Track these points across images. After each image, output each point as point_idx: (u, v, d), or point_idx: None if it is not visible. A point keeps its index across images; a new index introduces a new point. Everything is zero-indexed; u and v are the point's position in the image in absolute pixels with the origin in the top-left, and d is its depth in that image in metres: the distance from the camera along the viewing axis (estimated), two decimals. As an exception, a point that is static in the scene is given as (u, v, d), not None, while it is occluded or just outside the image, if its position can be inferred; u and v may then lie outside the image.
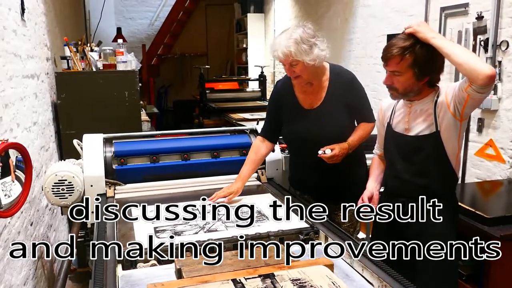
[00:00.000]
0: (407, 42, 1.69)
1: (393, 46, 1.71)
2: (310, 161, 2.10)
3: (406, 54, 1.68)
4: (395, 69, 1.72)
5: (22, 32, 2.66)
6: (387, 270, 1.39)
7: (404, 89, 1.75)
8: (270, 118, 2.32)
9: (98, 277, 1.41)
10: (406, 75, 1.71)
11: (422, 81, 1.73)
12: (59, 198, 2.24)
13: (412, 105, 1.82)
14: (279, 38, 2.01)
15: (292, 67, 2.01)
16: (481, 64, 1.57)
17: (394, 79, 1.74)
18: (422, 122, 1.78)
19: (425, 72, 1.71)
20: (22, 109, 2.51)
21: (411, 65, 1.69)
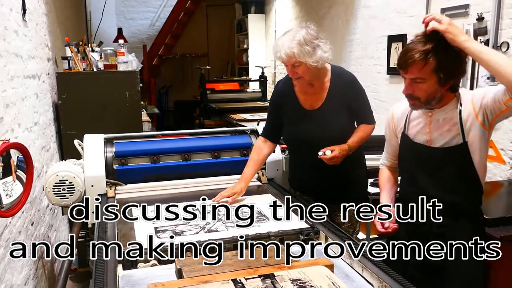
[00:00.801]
0: (428, 44, 1.53)
1: (413, 50, 1.55)
2: (310, 161, 2.09)
3: (429, 58, 1.52)
4: (417, 76, 1.56)
5: (23, 32, 2.67)
6: (387, 270, 1.40)
7: (427, 97, 1.60)
8: (271, 118, 2.32)
9: (98, 277, 1.42)
10: (429, 81, 1.55)
11: (446, 86, 1.58)
12: (60, 198, 2.24)
13: (432, 113, 1.67)
14: (282, 39, 2.00)
15: (295, 68, 2.01)
16: None
17: (416, 87, 1.59)
18: (446, 132, 1.63)
19: (450, 76, 1.56)
20: (23, 109, 2.52)
21: (435, 70, 1.53)
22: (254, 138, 2.62)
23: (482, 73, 3.04)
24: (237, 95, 6.52)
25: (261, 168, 2.52)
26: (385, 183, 1.91)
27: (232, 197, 2.11)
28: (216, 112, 5.89)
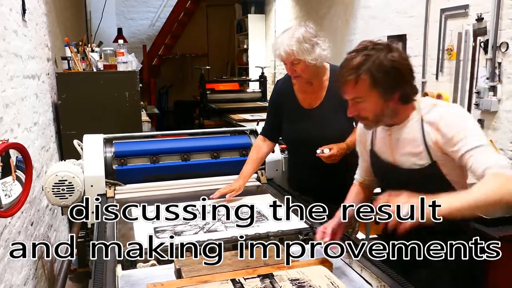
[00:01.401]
0: (358, 57, 1.37)
1: (344, 68, 1.40)
2: (309, 161, 2.10)
3: (361, 75, 1.35)
4: (355, 96, 1.40)
5: (23, 32, 2.67)
6: (385, 270, 1.40)
7: (374, 115, 1.42)
8: (271, 117, 2.33)
9: (97, 277, 1.42)
10: (370, 98, 1.39)
11: (392, 99, 1.40)
12: (59, 198, 2.24)
13: (391, 132, 1.50)
14: (281, 37, 2.01)
15: (294, 66, 2.01)
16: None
17: (359, 108, 1.43)
18: (410, 154, 1.46)
19: (392, 88, 1.38)
20: (22, 109, 2.52)
21: (371, 86, 1.36)
22: (254, 138, 2.62)
23: (481, 73, 3.04)
24: (237, 95, 6.52)
25: (261, 168, 2.53)
26: (349, 201, 1.73)
27: (229, 194, 2.12)
28: (215, 112, 5.88)
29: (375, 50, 1.36)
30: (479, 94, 3.03)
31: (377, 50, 1.36)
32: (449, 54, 3.38)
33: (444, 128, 1.37)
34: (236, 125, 4.62)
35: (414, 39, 3.86)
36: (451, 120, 1.37)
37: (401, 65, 1.37)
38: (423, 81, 3.70)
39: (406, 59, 1.40)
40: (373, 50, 1.37)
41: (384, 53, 1.36)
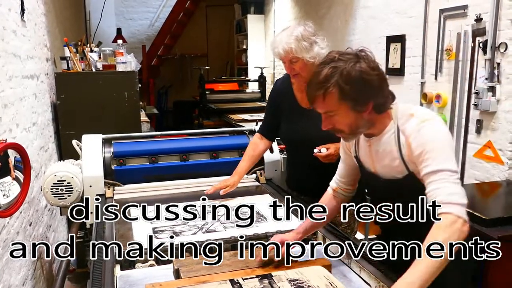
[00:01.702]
0: (325, 70, 1.32)
1: (311, 83, 1.35)
2: (308, 161, 2.08)
3: (328, 88, 1.30)
4: (326, 110, 1.36)
5: (22, 32, 2.67)
6: (384, 270, 1.40)
7: (349, 128, 1.38)
8: (269, 116, 2.33)
9: (96, 277, 1.42)
10: (341, 111, 1.34)
11: (365, 110, 1.34)
12: (58, 198, 2.24)
13: (370, 142, 1.46)
14: (280, 36, 2.02)
15: (292, 64, 2.01)
16: None
17: (333, 121, 1.38)
18: (388, 166, 1.42)
19: (363, 99, 1.33)
20: (21, 109, 2.51)
21: (340, 99, 1.31)
22: (253, 138, 2.62)
23: (480, 73, 3.04)
24: (236, 95, 6.52)
25: (260, 169, 2.53)
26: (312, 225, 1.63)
27: (224, 190, 2.14)
28: (215, 112, 5.88)
29: (342, 62, 1.32)
30: (478, 94, 3.03)
31: (344, 61, 1.32)
32: (448, 54, 3.38)
33: (413, 144, 1.31)
34: (235, 125, 4.62)
35: (414, 39, 3.86)
36: (421, 137, 1.30)
37: (369, 75, 1.31)
38: (422, 81, 3.70)
39: (375, 68, 1.34)
40: (340, 61, 1.32)
41: (351, 64, 1.31)
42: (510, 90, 2.85)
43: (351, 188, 1.66)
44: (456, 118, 3.30)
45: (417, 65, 3.79)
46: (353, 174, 1.62)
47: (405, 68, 3.98)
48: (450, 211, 1.19)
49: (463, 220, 1.18)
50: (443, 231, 1.18)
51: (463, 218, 1.19)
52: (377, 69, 1.34)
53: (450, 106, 3.35)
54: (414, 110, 1.37)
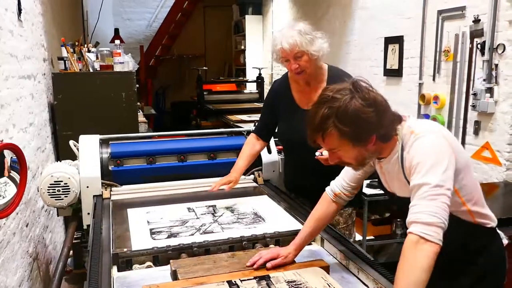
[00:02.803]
0: (321, 110, 1.28)
1: (310, 122, 1.33)
2: (306, 162, 2.05)
3: (327, 129, 1.27)
4: (329, 147, 1.34)
5: (18, 32, 2.65)
6: (382, 272, 1.39)
7: (356, 160, 1.35)
8: (265, 116, 2.31)
9: (93, 278, 1.41)
10: (344, 147, 1.31)
11: (368, 143, 1.31)
12: (54, 199, 2.23)
13: (381, 164, 1.44)
14: (281, 32, 2.00)
15: (297, 60, 1.98)
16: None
17: (339, 155, 1.35)
18: (398, 185, 1.40)
19: (363, 136, 1.29)
20: (18, 109, 2.50)
21: (341, 138, 1.28)
22: (251, 139, 2.61)
23: (478, 75, 3.05)
24: (234, 96, 6.52)
25: (258, 169, 2.52)
26: (308, 221, 1.58)
27: (228, 186, 2.11)
28: (213, 113, 5.88)
29: (337, 100, 1.27)
30: (475, 95, 3.03)
31: (338, 99, 1.27)
32: (446, 55, 3.39)
33: (409, 157, 1.29)
34: (233, 126, 4.62)
35: (412, 41, 3.86)
36: (411, 153, 1.28)
37: (365, 113, 1.25)
38: (420, 82, 3.70)
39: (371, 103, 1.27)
40: (334, 100, 1.27)
41: (346, 102, 1.26)
42: (508, 91, 2.85)
43: (354, 192, 1.59)
44: (454, 119, 3.30)
45: (415, 66, 3.79)
46: (363, 178, 1.58)
47: (403, 69, 3.99)
48: (411, 230, 1.17)
49: (424, 240, 1.13)
50: (407, 252, 1.15)
51: (423, 237, 1.13)
52: (373, 104, 1.27)
53: (448, 107, 3.35)
54: (415, 126, 1.32)
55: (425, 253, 1.13)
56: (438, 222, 1.15)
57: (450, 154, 1.25)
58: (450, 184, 1.21)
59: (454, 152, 1.28)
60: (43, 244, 2.88)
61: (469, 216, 1.37)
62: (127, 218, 1.96)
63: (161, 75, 9.61)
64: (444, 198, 1.18)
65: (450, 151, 1.26)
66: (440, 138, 1.28)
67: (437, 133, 1.30)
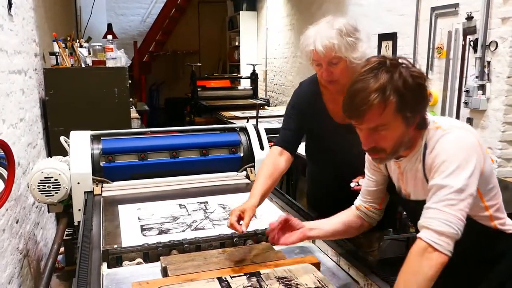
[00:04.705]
0: (381, 77, 1.14)
1: (364, 91, 1.14)
2: (339, 184, 1.73)
3: (389, 96, 1.13)
4: (378, 123, 1.17)
5: (9, 27, 2.62)
6: (373, 268, 1.39)
7: (394, 145, 1.21)
8: (292, 124, 1.83)
9: (82, 275, 1.40)
10: (393, 124, 1.17)
11: (413, 124, 1.20)
12: (45, 195, 2.21)
13: (399, 164, 1.32)
14: (315, 29, 1.59)
15: (331, 67, 1.60)
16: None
17: (378, 137, 1.20)
18: (415, 187, 1.29)
19: (417, 110, 1.18)
20: (8, 105, 2.47)
21: (397, 109, 1.14)
22: (243, 136, 2.60)
23: (471, 72, 3.05)
24: (228, 92, 6.49)
25: (250, 166, 2.51)
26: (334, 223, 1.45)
27: (245, 222, 1.48)
28: (207, 109, 5.85)
29: (394, 67, 1.15)
30: (468, 92, 3.04)
31: (395, 66, 1.16)
32: (439, 52, 3.39)
33: (433, 154, 1.18)
34: (227, 122, 4.60)
35: (405, 38, 3.87)
36: (440, 147, 1.17)
37: (423, 81, 1.17)
38: (413, 79, 3.71)
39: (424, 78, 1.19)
40: (392, 66, 1.15)
41: (404, 69, 1.15)
42: (500, 89, 2.86)
43: (377, 207, 1.45)
44: (446, 116, 3.31)
45: (408, 63, 3.79)
46: (379, 191, 1.44)
47: (396, 66, 3.99)
48: (421, 236, 1.10)
49: (432, 248, 1.07)
50: (413, 258, 1.10)
51: (432, 246, 1.07)
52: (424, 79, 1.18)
53: (441, 104, 3.36)
54: (441, 121, 1.22)
55: (432, 262, 1.07)
56: (451, 232, 1.08)
57: (478, 155, 1.15)
58: (473, 189, 1.11)
59: (483, 154, 1.17)
60: (34, 241, 2.86)
61: (490, 222, 1.27)
62: (118, 215, 1.95)
63: (155, 71, 9.56)
64: (463, 205, 1.10)
65: (479, 151, 1.16)
66: (470, 136, 1.17)
67: (467, 130, 1.19)
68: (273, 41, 7.48)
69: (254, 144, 2.54)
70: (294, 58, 6.53)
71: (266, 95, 7.50)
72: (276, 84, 7.37)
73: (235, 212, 1.49)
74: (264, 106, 5.81)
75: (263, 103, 5.95)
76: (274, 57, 7.43)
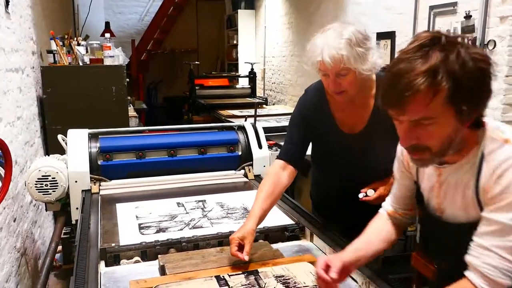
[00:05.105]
0: (433, 57, 0.91)
1: (409, 73, 0.92)
2: (343, 190, 1.71)
3: (441, 82, 0.90)
4: (424, 115, 0.95)
5: (6, 25, 2.61)
6: (371, 266, 1.39)
7: (441, 145, 0.99)
8: (297, 137, 1.75)
9: (79, 273, 1.39)
10: (443, 118, 0.95)
11: (468, 121, 0.98)
12: (42, 194, 2.20)
13: (441, 171, 1.10)
14: (323, 38, 1.50)
15: (339, 79, 1.52)
16: None
17: (422, 133, 0.98)
18: (459, 204, 1.07)
19: (475, 104, 0.96)
20: (5, 103, 2.46)
21: (449, 100, 0.92)
22: (242, 134, 2.60)
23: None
24: (226, 91, 6.48)
25: (248, 164, 2.51)
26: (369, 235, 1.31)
27: (245, 250, 1.42)
28: (205, 108, 5.85)
29: (451, 45, 0.92)
30: (466, 91, 3.04)
31: (452, 44, 0.92)
32: (437, 51, 3.39)
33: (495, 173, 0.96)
34: (225, 121, 4.60)
35: (403, 36, 3.86)
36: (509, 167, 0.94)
37: (489, 67, 0.93)
38: (411, 78, 3.71)
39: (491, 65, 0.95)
40: (448, 44, 0.92)
41: (464, 49, 0.92)
42: (498, 87, 2.86)
43: (408, 213, 1.33)
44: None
45: (406, 62, 3.79)
46: (409, 197, 1.30)
47: (394, 65, 3.99)
48: (472, 278, 0.97)
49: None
50: None
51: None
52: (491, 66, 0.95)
53: (439, 103, 3.36)
54: (510, 132, 1.00)
55: None
56: (506, 283, 0.96)
57: None
58: None
59: None
60: (32, 239, 2.85)
61: None
62: (116, 213, 1.94)
63: (153, 69, 9.54)
64: None
65: None
66: None
67: None
68: (271, 40, 7.47)
69: (252, 143, 2.54)
70: (292, 57, 6.53)
71: (264, 94, 7.50)
72: (274, 83, 7.37)
73: (235, 241, 1.42)
74: (262, 104, 5.80)
75: (261, 101, 5.95)
76: (273, 55, 7.42)
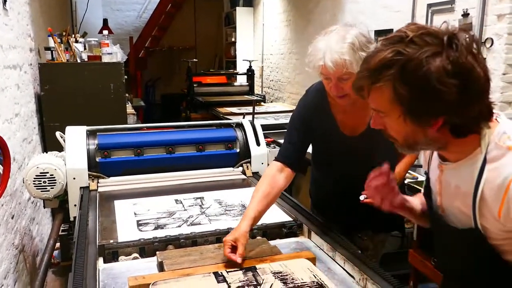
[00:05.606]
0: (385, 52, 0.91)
1: (364, 63, 0.97)
2: (343, 190, 1.68)
3: (378, 81, 0.92)
4: (375, 107, 0.99)
5: (3, 21, 2.60)
6: (368, 263, 1.40)
7: (403, 139, 0.98)
8: (296, 139, 1.73)
9: (78, 270, 1.40)
10: (392, 117, 0.96)
11: (431, 126, 0.93)
12: (40, 190, 2.20)
13: (443, 168, 1.05)
14: (325, 41, 1.49)
15: (341, 83, 1.51)
16: None
17: (383, 122, 1.00)
18: (457, 208, 1.03)
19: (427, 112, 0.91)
20: (3, 100, 2.46)
21: (393, 101, 0.92)
22: (239, 131, 2.60)
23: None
24: (224, 88, 6.48)
25: (246, 162, 2.52)
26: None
27: (239, 253, 1.40)
28: (203, 105, 5.85)
29: (416, 47, 0.88)
30: (463, 89, 3.05)
31: (418, 46, 0.88)
32: (435, 49, 3.40)
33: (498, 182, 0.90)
34: (223, 118, 4.60)
35: (401, 34, 3.87)
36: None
37: (442, 84, 0.86)
38: (409, 76, 3.71)
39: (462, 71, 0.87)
40: (412, 45, 0.88)
41: (426, 55, 0.86)
42: (496, 85, 2.87)
43: None
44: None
45: (404, 60, 3.80)
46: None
47: (392, 63, 4.00)
48: None
49: None
50: None
51: None
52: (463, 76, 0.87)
53: (436, 101, 3.37)
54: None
55: None
56: None
57: None
58: None
59: None
60: (30, 236, 2.86)
61: None
62: (114, 210, 1.95)
63: (151, 67, 9.53)
64: None
65: None
66: None
67: None
68: (269, 37, 7.47)
69: (250, 140, 2.55)
70: (290, 55, 6.53)
71: (262, 91, 7.50)
72: (272, 80, 7.37)
73: (228, 244, 1.41)
74: (260, 102, 5.81)
75: (259, 99, 5.95)
76: (271, 53, 7.42)
